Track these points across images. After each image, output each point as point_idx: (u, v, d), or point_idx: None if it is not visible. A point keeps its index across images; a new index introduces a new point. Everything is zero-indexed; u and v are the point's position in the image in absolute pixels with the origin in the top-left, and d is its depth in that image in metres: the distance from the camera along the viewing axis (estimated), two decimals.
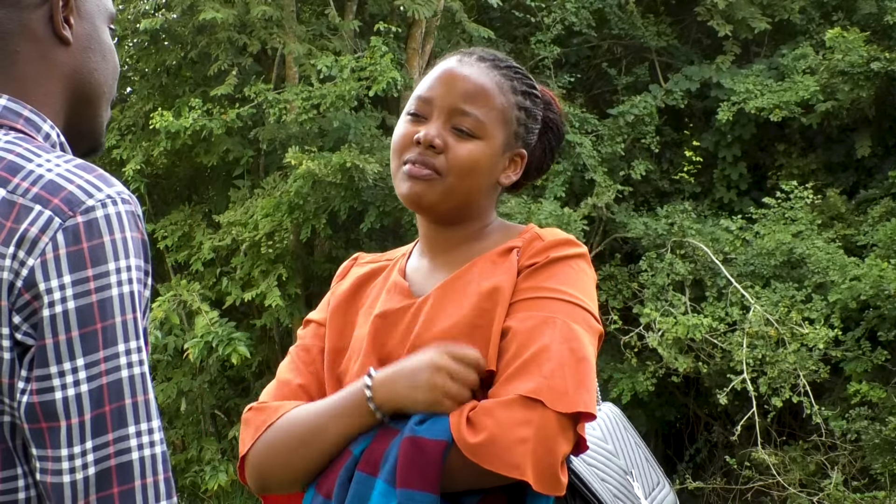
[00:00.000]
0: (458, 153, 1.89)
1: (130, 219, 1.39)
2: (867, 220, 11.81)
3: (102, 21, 1.55)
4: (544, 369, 1.74)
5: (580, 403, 1.74)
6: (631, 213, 12.43)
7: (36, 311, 1.33)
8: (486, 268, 1.90)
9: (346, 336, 1.98)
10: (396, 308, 1.92)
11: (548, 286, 1.85)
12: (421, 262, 2.00)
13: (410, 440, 1.73)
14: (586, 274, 1.90)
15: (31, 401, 1.33)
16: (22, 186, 1.37)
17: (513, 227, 2.00)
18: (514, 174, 1.98)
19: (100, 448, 1.33)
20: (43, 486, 1.35)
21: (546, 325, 1.79)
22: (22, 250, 1.34)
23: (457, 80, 1.92)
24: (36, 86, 1.49)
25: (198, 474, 12.11)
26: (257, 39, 12.02)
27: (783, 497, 11.08)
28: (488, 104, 1.91)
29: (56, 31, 1.49)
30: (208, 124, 11.51)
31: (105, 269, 1.34)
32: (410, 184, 1.89)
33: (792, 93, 11.98)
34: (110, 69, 1.56)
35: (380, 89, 11.06)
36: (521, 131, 1.96)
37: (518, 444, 1.69)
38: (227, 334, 11.01)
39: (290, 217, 11.35)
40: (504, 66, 1.97)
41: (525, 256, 1.90)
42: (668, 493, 2.21)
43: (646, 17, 13.87)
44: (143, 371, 1.37)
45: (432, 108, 1.92)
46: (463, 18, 12.47)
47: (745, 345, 10.84)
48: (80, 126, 1.55)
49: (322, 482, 1.83)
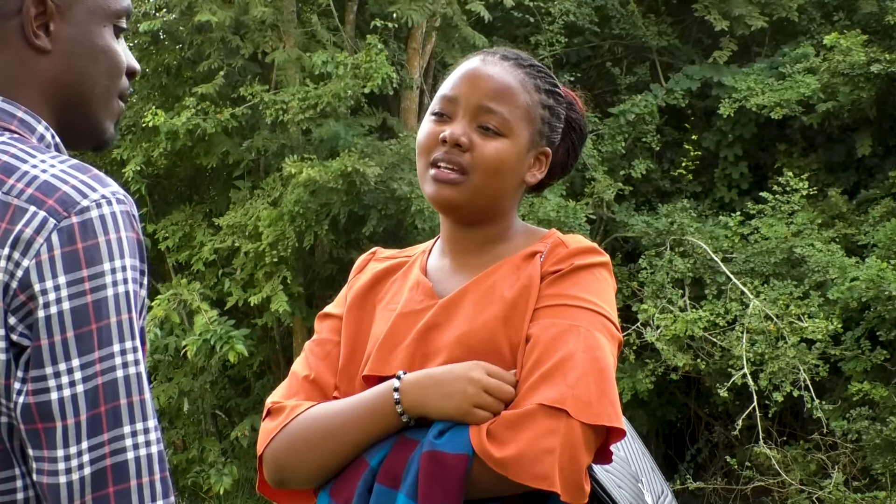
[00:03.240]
0: (484, 151, 1.88)
1: (125, 219, 1.39)
2: (868, 220, 11.81)
3: (98, 23, 1.53)
4: (568, 378, 1.74)
5: (604, 416, 1.74)
6: (632, 213, 12.44)
7: (31, 312, 1.33)
8: (510, 272, 1.90)
9: (362, 330, 1.97)
10: (419, 308, 1.91)
11: (571, 294, 1.85)
12: (443, 262, 1.99)
13: (431, 455, 1.73)
14: (608, 283, 1.91)
15: (27, 401, 1.33)
16: (16, 188, 1.37)
17: (535, 231, 2.00)
18: (540, 172, 1.98)
19: (95, 448, 1.33)
20: (39, 487, 1.35)
21: (570, 333, 1.79)
22: (17, 251, 1.34)
23: (481, 78, 1.92)
24: (20, 91, 1.49)
25: (199, 474, 12.11)
26: (250, 42, 12.00)
27: (784, 497, 11.08)
28: (513, 102, 1.91)
29: (28, 40, 1.48)
30: (202, 124, 11.49)
31: (100, 270, 1.35)
32: (437, 187, 1.89)
33: (793, 91, 11.99)
34: (103, 70, 1.54)
35: (375, 86, 11.05)
36: (545, 130, 1.96)
37: (545, 454, 1.69)
38: (226, 333, 11.01)
39: (291, 226, 11.33)
40: (527, 65, 1.98)
41: (549, 263, 1.89)
42: (671, 502, 2.23)
43: (646, 16, 13.88)
44: (139, 371, 1.37)
45: (457, 107, 1.92)
46: (460, 23, 12.45)
47: (745, 340, 10.85)
48: (75, 127, 1.54)
49: (338, 490, 1.82)
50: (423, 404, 1.77)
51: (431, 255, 2.03)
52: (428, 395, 1.77)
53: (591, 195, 11.99)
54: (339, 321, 2.01)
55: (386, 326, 1.92)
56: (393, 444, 1.79)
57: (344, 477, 1.82)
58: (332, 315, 2.04)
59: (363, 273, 2.06)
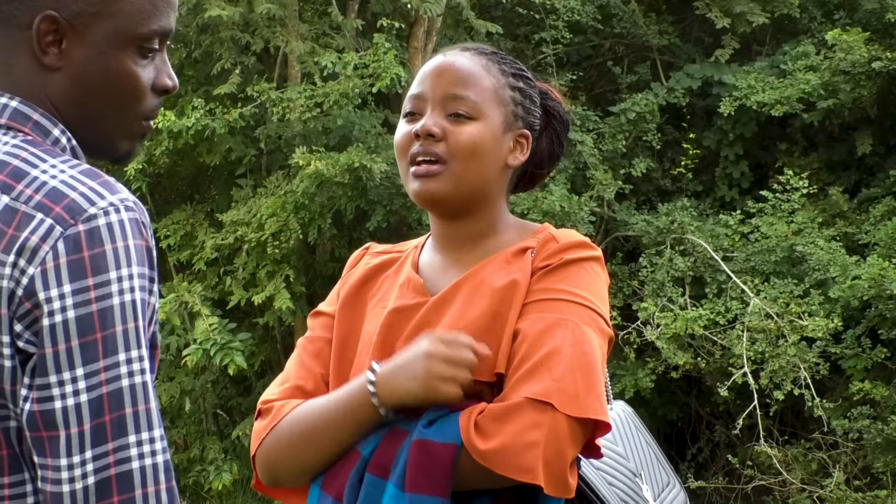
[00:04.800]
0: (458, 137, 1.88)
1: (134, 226, 1.37)
2: (869, 219, 11.81)
3: (118, 46, 1.47)
4: (555, 372, 1.74)
5: (590, 409, 1.74)
6: (632, 212, 12.45)
7: (37, 320, 1.33)
8: (501, 267, 1.89)
9: (354, 327, 1.97)
10: (410, 304, 1.91)
11: (560, 288, 1.84)
12: (434, 258, 1.99)
13: (419, 444, 1.73)
14: (599, 277, 1.90)
15: (32, 409, 1.33)
16: (25, 193, 1.36)
17: (527, 226, 1.99)
18: (522, 154, 1.96)
19: (99, 458, 1.32)
20: (43, 495, 1.35)
21: (557, 327, 1.79)
22: (22, 259, 1.33)
23: (444, 70, 1.93)
24: (34, 99, 1.47)
25: (200, 474, 12.12)
26: (261, 38, 12.02)
27: (785, 496, 11.08)
28: (479, 85, 1.91)
29: (37, 56, 1.45)
30: (211, 124, 11.51)
31: (106, 278, 1.33)
32: (419, 182, 1.89)
33: (794, 88, 11.99)
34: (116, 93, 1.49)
35: (384, 86, 11.07)
36: (518, 111, 1.95)
37: (529, 447, 1.69)
38: (226, 343, 11.04)
39: (295, 217, 11.35)
40: (489, 53, 1.98)
41: (539, 258, 1.88)
42: (678, 493, 2.21)
43: (647, 15, 13.88)
44: (145, 380, 1.36)
45: (425, 102, 1.92)
46: (470, 16, 12.47)
47: (745, 339, 10.85)
48: (86, 141, 1.51)
49: (330, 482, 1.82)
50: (395, 393, 1.76)
51: (424, 252, 2.02)
52: (396, 382, 1.76)
53: (591, 196, 11.97)
54: (331, 319, 2.01)
55: (378, 324, 1.91)
56: (384, 434, 1.79)
57: (336, 469, 1.82)
58: (323, 313, 2.03)
59: (356, 269, 2.06)
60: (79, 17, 1.44)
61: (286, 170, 12.09)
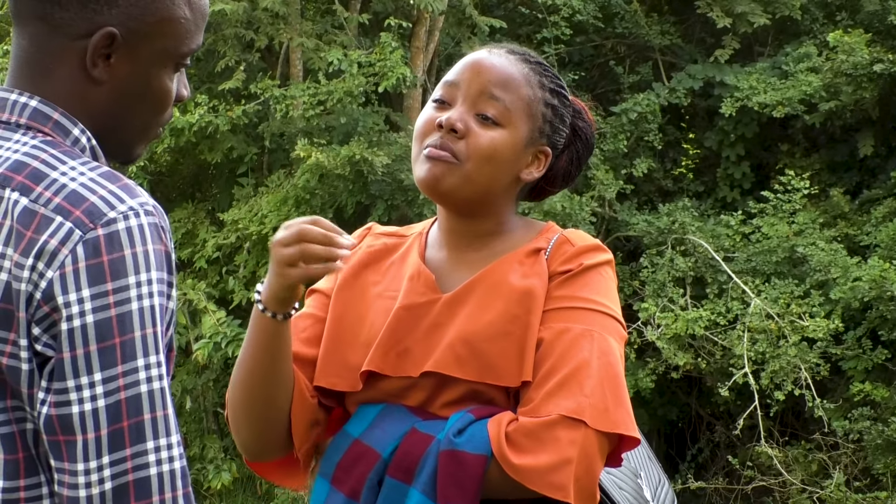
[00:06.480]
0: (479, 140, 1.85)
1: (153, 231, 1.37)
2: (870, 221, 11.81)
3: (161, 64, 1.50)
4: (585, 387, 1.74)
5: (620, 424, 1.74)
6: (633, 212, 12.45)
7: (55, 324, 1.32)
8: (514, 269, 1.86)
9: (352, 310, 1.93)
10: (421, 302, 1.88)
11: (582, 296, 1.83)
12: (442, 253, 1.95)
13: (450, 454, 1.73)
14: (613, 280, 1.90)
15: (49, 413, 1.32)
16: (44, 196, 1.36)
17: (532, 224, 1.96)
18: (537, 171, 1.93)
19: (117, 463, 1.32)
20: (59, 498, 1.35)
21: (584, 338, 1.78)
22: (41, 262, 1.33)
23: (485, 66, 1.89)
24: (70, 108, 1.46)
25: (200, 472, 12.11)
26: (264, 35, 12.02)
27: (785, 497, 11.08)
28: (514, 93, 1.88)
29: (85, 67, 1.45)
30: (214, 121, 11.52)
31: (125, 283, 1.33)
32: (429, 166, 1.85)
33: (795, 90, 11.99)
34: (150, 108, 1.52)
35: (389, 85, 11.07)
36: (546, 128, 1.92)
37: (563, 465, 1.69)
38: (235, 335, 11.07)
39: (297, 211, 11.35)
40: (534, 62, 1.95)
41: (556, 261, 1.87)
42: (668, 491, 2.22)
43: (649, 15, 13.88)
44: (163, 386, 1.36)
45: (458, 93, 1.89)
46: (473, 13, 12.47)
47: (746, 339, 10.86)
48: (105, 144, 1.51)
49: (342, 478, 1.80)
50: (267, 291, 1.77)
51: (429, 244, 1.98)
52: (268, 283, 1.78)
53: (592, 196, 11.97)
54: (327, 298, 1.98)
55: (387, 319, 1.88)
56: (403, 435, 1.78)
57: (347, 464, 1.80)
58: (320, 291, 2.01)
59: (357, 249, 2.01)
60: (133, 36, 1.45)
61: (287, 168, 12.09)
